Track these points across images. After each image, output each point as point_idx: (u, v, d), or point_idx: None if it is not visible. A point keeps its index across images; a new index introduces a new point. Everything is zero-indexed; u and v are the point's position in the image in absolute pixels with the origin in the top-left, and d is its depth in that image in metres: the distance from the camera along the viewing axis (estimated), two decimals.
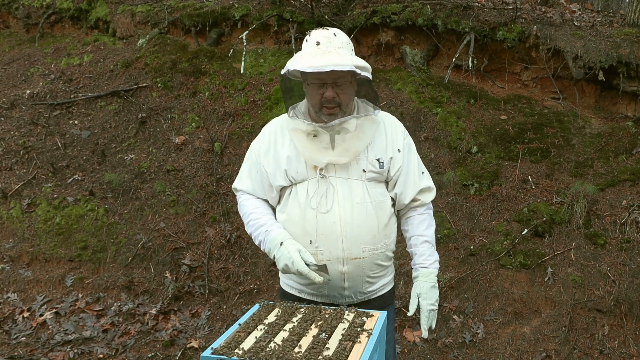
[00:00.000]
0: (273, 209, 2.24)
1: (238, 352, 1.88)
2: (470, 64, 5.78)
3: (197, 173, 5.30)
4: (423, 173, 2.25)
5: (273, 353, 1.87)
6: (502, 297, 4.05)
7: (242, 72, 6.26)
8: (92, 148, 5.69)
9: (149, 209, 5.04)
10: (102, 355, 3.92)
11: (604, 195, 4.57)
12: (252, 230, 2.19)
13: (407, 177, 2.18)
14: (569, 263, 4.19)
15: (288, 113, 2.13)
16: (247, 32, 6.47)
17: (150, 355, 3.94)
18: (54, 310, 4.32)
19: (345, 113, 2.06)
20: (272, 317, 2.17)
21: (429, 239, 2.24)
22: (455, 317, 4.03)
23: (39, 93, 6.38)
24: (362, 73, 1.97)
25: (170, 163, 5.42)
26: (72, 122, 6.06)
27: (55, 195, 5.23)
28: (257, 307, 2.27)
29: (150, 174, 5.35)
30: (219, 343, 1.94)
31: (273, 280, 4.46)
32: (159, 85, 6.23)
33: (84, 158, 5.62)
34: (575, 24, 5.98)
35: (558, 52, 5.53)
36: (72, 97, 6.32)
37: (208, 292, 4.42)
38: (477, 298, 4.10)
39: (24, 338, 4.10)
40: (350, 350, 1.92)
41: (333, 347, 1.95)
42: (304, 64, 1.92)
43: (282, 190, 2.16)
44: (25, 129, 5.96)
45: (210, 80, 6.20)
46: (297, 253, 1.99)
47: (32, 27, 8.03)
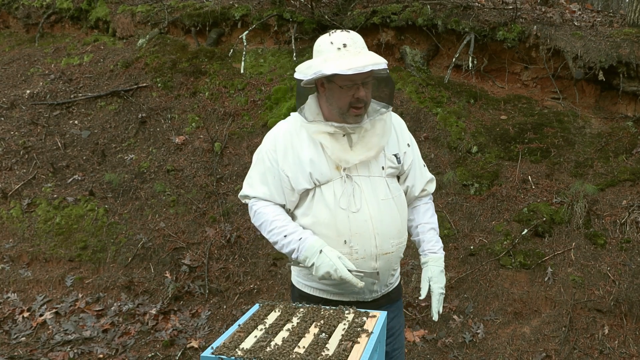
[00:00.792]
0: (289, 213, 2.22)
1: (238, 352, 1.88)
2: (470, 64, 5.78)
3: (197, 173, 5.30)
4: (424, 166, 2.36)
5: (273, 353, 1.87)
6: (502, 297, 4.05)
7: (242, 72, 6.26)
8: (92, 148, 5.69)
9: (149, 209, 5.05)
10: (102, 355, 3.93)
11: (604, 195, 4.57)
12: (278, 239, 2.14)
13: (416, 170, 2.27)
14: (569, 263, 4.19)
15: (306, 117, 2.12)
16: (247, 32, 6.47)
17: (150, 355, 3.94)
18: (54, 310, 4.32)
19: (367, 112, 2.11)
20: (272, 317, 2.17)
21: (435, 227, 2.32)
22: (455, 317, 4.03)
23: (39, 93, 6.38)
24: (386, 69, 2.03)
25: (170, 163, 5.42)
26: (72, 122, 6.06)
27: (55, 195, 5.23)
28: (257, 307, 2.27)
29: (150, 174, 5.35)
30: (219, 343, 1.94)
31: (273, 280, 4.47)
32: (159, 85, 6.23)
33: (84, 158, 5.62)
34: (575, 24, 5.98)
35: (558, 52, 5.53)
36: (72, 97, 6.32)
37: (208, 292, 4.43)
38: (477, 298, 4.10)
39: (24, 338, 4.10)
40: (350, 350, 1.92)
41: (333, 347, 1.95)
42: (343, 67, 1.92)
43: (303, 193, 2.14)
44: (25, 129, 5.96)
45: (210, 80, 6.20)
46: (338, 260, 2.00)
47: (32, 27, 8.03)
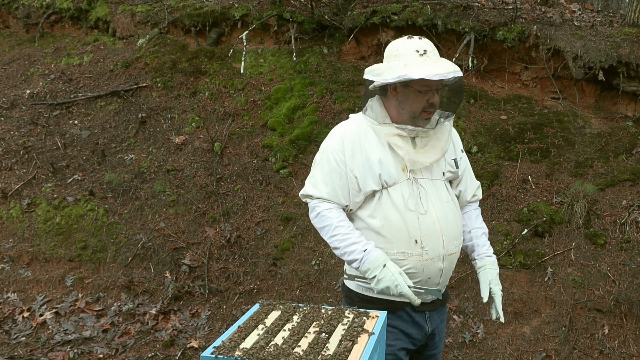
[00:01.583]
0: (349, 214, 2.23)
1: (238, 352, 1.88)
2: (470, 64, 5.78)
3: (197, 173, 5.30)
4: (473, 175, 2.42)
5: (273, 353, 1.87)
6: (502, 297, 4.05)
7: (242, 72, 6.26)
8: (92, 148, 5.69)
9: (149, 209, 5.05)
10: (102, 355, 3.93)
11: (604, 195, 4.57)
12: (340, 245, 2.15)
13: (467, 175, 2.34)
14: (569, 263, 4.19)
15: (377, 119, 2.17)
16: (247, 32, 6.47)
17: (150, 355, 3.94)
18: (54, 310, 4.32)
19: (434, 116, 2.18)
20: (272, 317, 2.17)
21: (486, 232, 2.38)
22: (455, 317, 4.03)
23: (39, 93, 6.38)
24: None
25: (170, 163, 5.42)
26: (72, 122, 6.06)
27: (55, 195, 5.23)
28: (257, 307, 2.27)
29: (150, 174, 5.35)
30: (219, 343, 1.94)
31: (273, 280, 4.47)
32: (159, 85, 6.23)
33: (84, 158, 5.62)
34: (575, 24, 5.98)
35: (558, 52, 5.53)
36: (72, 97, 6.32)
37: (208, 292, 4.43)
38: (477, 298, 4.10)
39: (24, 338, 4.10)
40: (350, 350, 1.92)
41: (333, 347, 1.95)
42: (430, 72, 1.97)
43: (368, 195, 2.16)
44: (25, 129, 5.96)
45: (210, 80, 6.20)
46: (400, 276, 2.03)
47: (32, 27, 8.03)
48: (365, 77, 2.12)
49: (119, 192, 5.21)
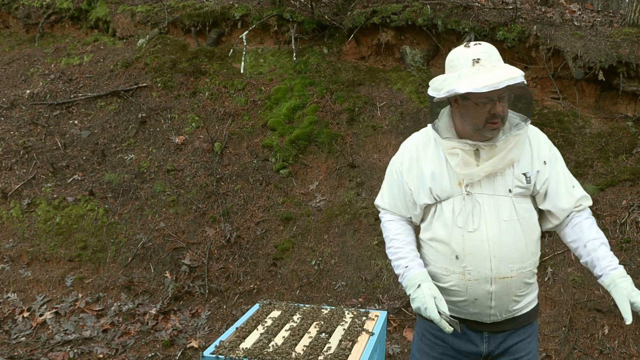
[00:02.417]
0: (417, 226, 2.21)
1: (238, 352, 1.88)
2: None
3: (197, 173, 5.30)
4: (574, 187, 2.10)
5: (273, 353, 1.87)
6: None
7: (242, 72, 6.26)
8: (92, 148, 5.69)
9: (149, 209, 5.04)
10: (102, 355, 3.92)
11: (604, 195, 4.57)
12: (392, 258, 2.16)
13: (557, 189, 2.06)
14: (569, 263, 4.19)
15: (440, 133, 2.06)
16: (247, 32, 6.47)
17: (150, 355, 3.94)
18: (54, 310, 4.32)
19: (504, 125, 2.01)
20: (272, 317, 2.17)
21: (605, 241, 2.05)
22: None
23: (39, 93, 6.38)
24: (524, 82, 1.91)
25: (170, 163, 5.41)
26: (72, 122, 6.06)
27: (55, 195, 5.23)
28: (257, 307, 2.26)
29: (150, 174, 5.35)
30: (219, 343, 1.94)
31: (273, 280, 4.47)
32: (159, 85, 6.23)
33: (84, 158, 5.62)
34: (575, 24, 5.98)
35: (558, 52, 5.53)
36: (72, 97, 6.32)
37: (208, 292, 4.42)
38: None
39: (24, 338, 4.10)
40: (350, 350, 1.92)
41: (333, 347, 1.95)
42: (477, 84, 1.85)
43: (426, 208, 2.11)
44: (25, 129, 5.96)
45: (210, 80, 6.20)
46: (432, 300, 1.95)
47: (32, 27, 8.03)
48: (429, 92, 2.03)
49: (119, 192, 5.21)
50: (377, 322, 2.17)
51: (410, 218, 2.18)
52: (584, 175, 4.77)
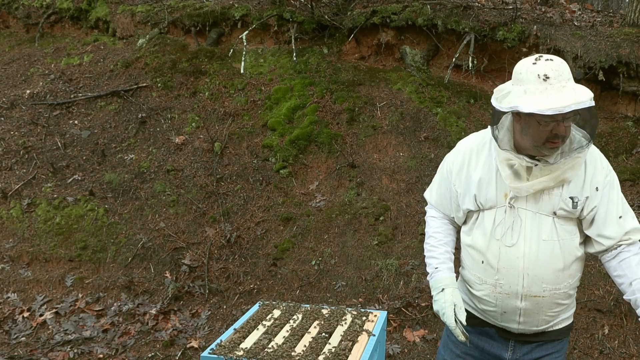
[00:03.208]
0: (458, 226, 2.22)
1: (238, 352, 1.88)
2: (470, 64, 5.78)
3: (197, 173, 5.30)
4: (624, 217, 2.00)
5: (273, 353, 1.87)
6: None
7: (242, 72, 6.26)
8: (92, 148, 5.69)
9: (149, 209, 5.04)
10: (102, 355, 3.92)
11: None
12: (425, 254, 2.20)
13: (605, 218, 1.97)
14: None
15: (499, 145, 1.96)
16: (247, 32, 6.47)
17: (150, 355, 3.94)
18: (54, 310, 4.32)
19: (564, 144, 1.92)
20: (272, 317, 2.17)
21: None
22: None
23: (39, 93, 6.38)
24: (593, 104, 1.82)
25: (170, 163, 5.41)
26: (72, 122, 6.06)
27: (55, 195, 5.23)
28: (257, 307, 2.27)
29: (150, 174, 5.35)
30: (219, 343, 1.94)
31: (273, 280, 4.47)
32: (159, 85, 6.23)
33: (84, 158, 5.62)
34: (575, 24, 5.98)
35: (558, 52, 5.53)
36: (72, 97, 6.32)
37: (208, 292, 4.42)
38: None
39: (24, 338, 4.10)
40: (350, 350, 1.92)
41: (333, 346, 1.95)
42: (542, 106, 1.76)
43: (469, 213, 2.11)
44: (25, 129, 5.96)
45: (210, 80, 6.20)
46: (451, 307, 1.97)
47: (32, 27, 8.03)
48: (492, 100, 1.96)
49: (119, 192, 5.21)
50: (377, 322, 2.17)
51: (453, 218, 2.19)
52: None
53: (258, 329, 2.05)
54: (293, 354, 1.86)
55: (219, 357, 1.85)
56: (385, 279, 4.31)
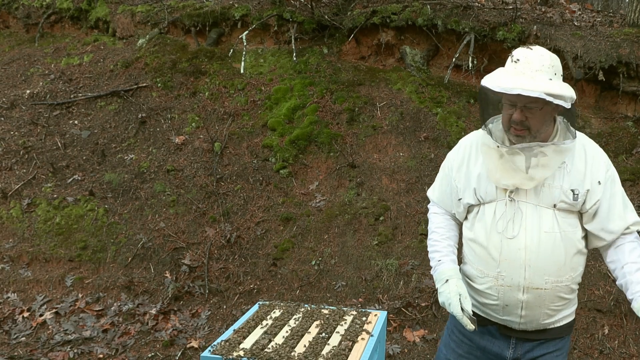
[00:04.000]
0: (460, 223, 2.23)
1: (238, 352, 1.88)
2: (470, 64, 5.78)
3: (197, 173, 5.30)
4: (627, 211, 2.03)
5: (273, 353, 1.87)
6: None
7: (242, 72, 6.26)
8: (92, 148, 5.69)
9: (149, 209, 5.04)
10: (102, 355, 3.92)
11: None
12: (429, 249, 2.21)
13: (609, 212, 1.99)
14: None
15: (484, 126, 2.06)
16: (247, 32, 6.47)
17: (150, 355, 3.94)
18: (54, 310, 4.32)
19: (536, 138, 1.95)
20: (272, 317, 2.17)
21: None
22: None
23: (39, 93, 6.38)
24: (554, 101, 1.82)
25: (170, 163, 5.41)
26: (72, 122, 6.06)
27: (55, 195, 5.23)
28: (256, 307, 2.27)
29: (150, 174, 5.35)
30: (219, 343, 1.94)
31: (273, 280, 4.47)
32: (159, 85, 6.23)
33: (84, 158, 5.62)
34: (575, 24, 5.98)
35: (558, 52, 5.53)
36: (72, 97, 6.32)
37: (208, 292, 4.42)
38: None
39: (24, 338, 4.10)
40: (350, 350, 1.92)
41: (333, 347, 1.95)
42: (495, 83, 1.86)
43: (470, 208, 2.13)
44: (25, 129, 5.96)
45: (210, 80, 6.20)
46: (457, 297, 1.96)
47: (32, 27, 8.03)
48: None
49: (119, 192, 5.21)
50: (377, 322, 2.17)
51: (455, 214, 2.21)
52: None
53: (258, 329, 2.05)
54: (293, 354, 1.86)
55: (219, 357, 1.85)
56: (385, 279, 4.31)
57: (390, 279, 4.30)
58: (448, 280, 2.02)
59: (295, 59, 6.27)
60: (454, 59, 5.87)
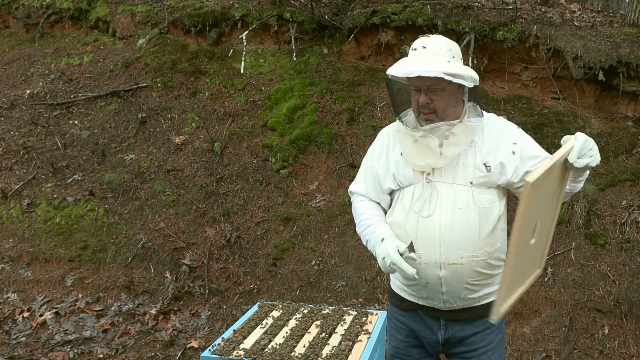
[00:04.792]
0: (385, 212, 2.27)
1: (238, 352, 1.88)
2: (470, 64, 5.78)
3: (197, 173, 5.30)
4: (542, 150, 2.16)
5: (273, 353, 1.87)
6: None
7: (242, 72, 6.26)
8: (92, 148, 5.69)
9: (149, 209, 5.04)
10: (102, 355, 3.93)
11: (604, 195, 4.57)
12: (361, 230, 2.23)
13: (533, 159, 2.10)
14: (569, 263, 4.19)
15: (399, 116, 2.17)
16: (247, 32, 6.47)
17: (150, 355, 3.94)
18: (54, 310, 4.32)
19: (444, 119, 2.06)
20: (272, 317, 2.17)
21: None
22: None
23: (39, 93, 6.38)
24: (454, 80, 1.94)
25: (170, 163, 5.41)
26: (72, 122, 6.06)
27: (55, 195, 5.23)
28: (256, 307, 2.27)
29: (150, 174, 5.35)
30: (219, 343, 1.94)
31: (273, 280, 4.47)
32: (159, 85, 6.23)
33: (84, 158, 5.62)
34: (575, 24, 5.98)
35: (558, 52, 5.53)
36: (72, 97, 6.32)
37: (208, 292, 4.42)
38: None
39: (24, 338, 4.10)
40: (350, 350, 1.92)
41: (333, 347, 1.95)
42: (397, 69, 1.99)
43: (392, 194, 2.21)
44: (25, 129, 5.96)
45: (210, 80, 6.20)
46: (394, 249, 1.98)
47: (32, 27, 8.03)
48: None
49: (119, 192, 5.21)
50: (377, 322, 2.17)
51: (379, 203, 2.25)
52: None
53: (258, 329, 2.05)
54: (293, 354, 1.86)
55: (219, 357, 1.85)
56: (385, 279, 4.31)
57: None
58: (384, 239, 2.03)
59: (295, 59, 6.27)
60: None
